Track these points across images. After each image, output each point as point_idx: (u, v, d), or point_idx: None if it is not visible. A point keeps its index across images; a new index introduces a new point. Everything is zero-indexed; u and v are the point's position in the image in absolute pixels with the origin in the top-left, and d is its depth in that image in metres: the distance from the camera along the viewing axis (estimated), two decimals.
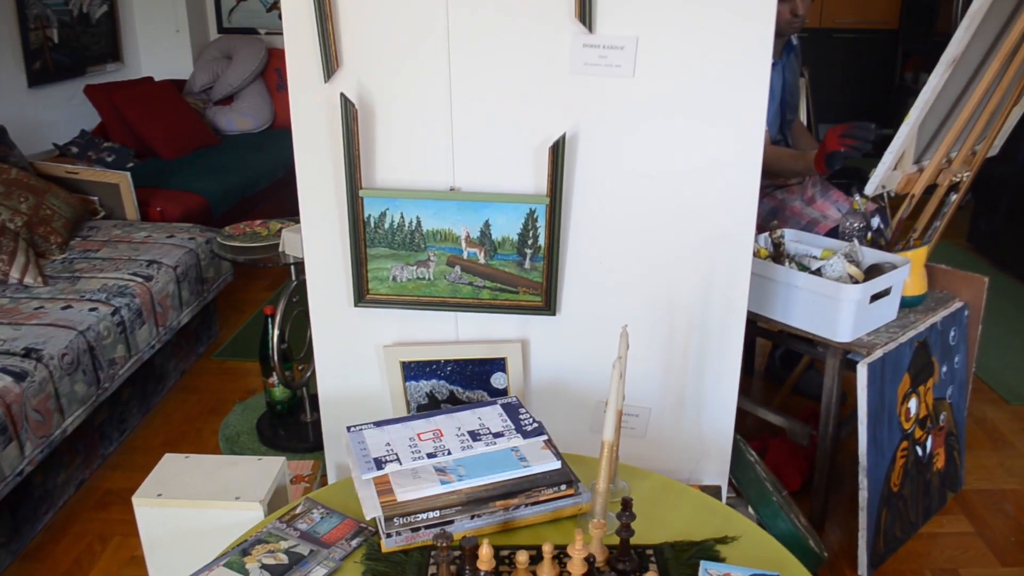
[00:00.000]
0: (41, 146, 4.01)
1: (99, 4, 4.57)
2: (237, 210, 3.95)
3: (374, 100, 1.52)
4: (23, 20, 3.98)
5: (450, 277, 1.59)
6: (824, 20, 6.00)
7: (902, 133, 2.11)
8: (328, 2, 1.44)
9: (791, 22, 2.57)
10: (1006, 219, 4.30)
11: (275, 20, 5.06)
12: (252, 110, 4.77)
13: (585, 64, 1.45)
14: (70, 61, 4.35)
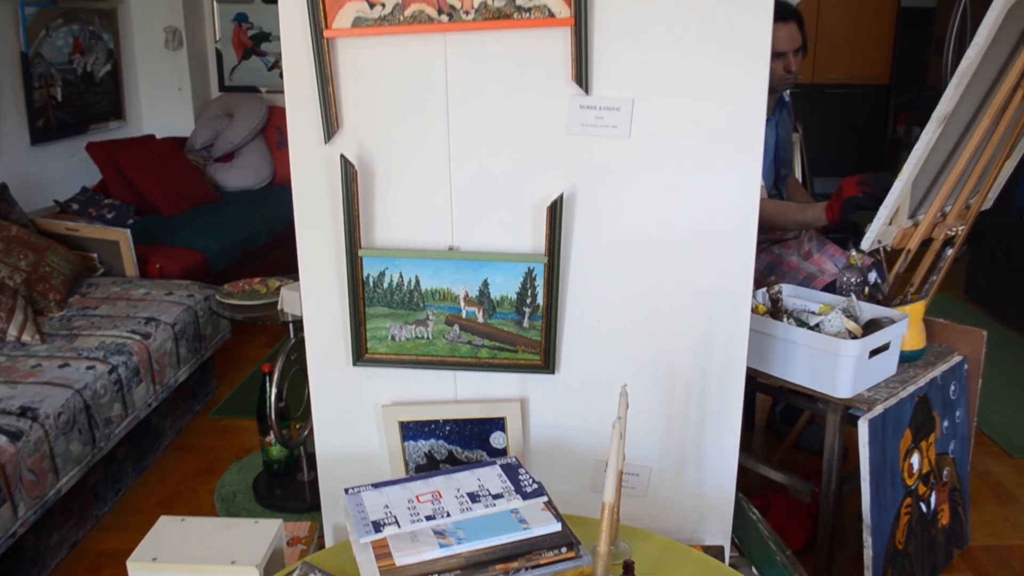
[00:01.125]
0: (42, 203, 4.04)
1: (103, 63, 4.65)
2: (236, 266, 3.96)
3: (373, 160, 1.54)
4: (28, 79, 4.05)
5: (449, 336, 1.59)
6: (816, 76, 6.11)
7: (896, 189, 2.13)
8: (329, 65, 1.47)
9: (784, 78, 2.62)
10: (1002, 271, 4.32)
11: (276, 79, 5.15)
12: (252, 167, 4.82)
13: (582, 125, 1.47)
14: (73, 119, 4.41)
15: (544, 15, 1.41)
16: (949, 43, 5.50)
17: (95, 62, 4.59)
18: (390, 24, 1.43)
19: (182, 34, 4.96)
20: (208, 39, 5.23)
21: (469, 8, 1.41)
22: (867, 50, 6.18)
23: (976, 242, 4.46)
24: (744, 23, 1.44)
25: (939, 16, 5.76)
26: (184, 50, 5.00)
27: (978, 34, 2.01)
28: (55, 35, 4.25)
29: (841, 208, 2.27)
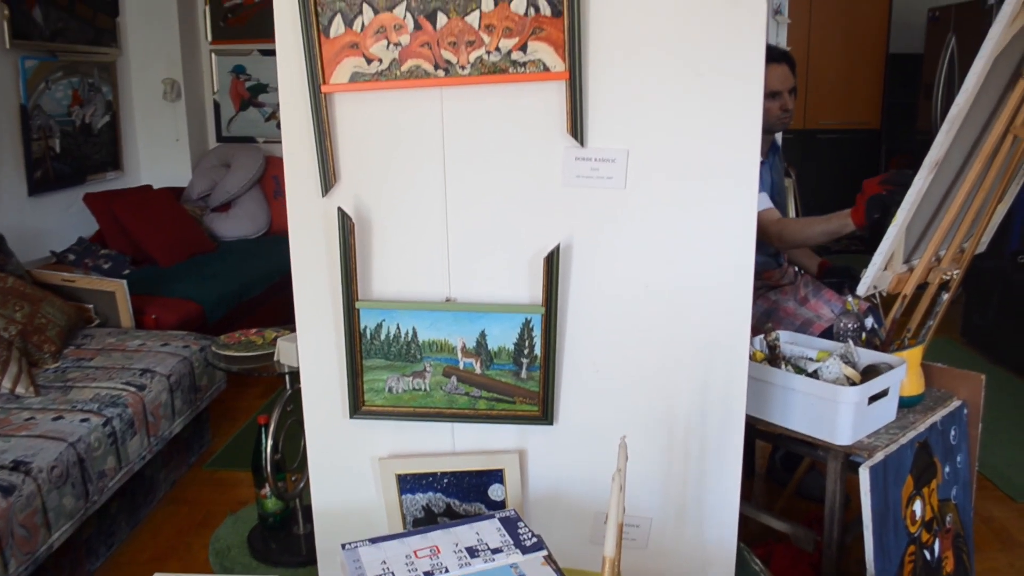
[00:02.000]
0: (39, 253, 4.04)
1: (102, 115, 4.69)
2: (232, 316, 3.95)
3: (371, 212, 1.54)
4: (26, 131, 4.07)
5: (446, 388, 1.58)
6: (808, 122, 6.18)
7: (890, 235, 2.14)
8: (327, 119, 1.48)
9: (781, 118, 2.65)
10: (998, 313, 4.32)
11: (273, 129, 5.20)
12: (249, 216, 4.84)
13: (577, 176, 1.49)
14: (71, 170, 4.43)
15: (539, 69, 1.43)
16: (938, 88, 5.59)
17: (94, 114, 4.63)
18: (387, 79, 1.45)
19: (180, 86, 5.02)
20: (206, 91, 5.29)
21: (465, 63, 1.43)
22: (857, 96, 6.26)
23: (971, 285, 4.48)
24: (737, 71, 1.46)
25: (927, 62, 5.85)
26: (182, 101, 5.05)
27: (966, 81, 2.04)
28: (55, 88, 4.30)
29: (866, 208, 2.26)
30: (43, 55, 4.19)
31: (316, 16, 1.43)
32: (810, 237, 2.49)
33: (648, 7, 1.44)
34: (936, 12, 5.76)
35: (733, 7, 1.45)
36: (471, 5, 1.41)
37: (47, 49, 4.21)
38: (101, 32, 4.66)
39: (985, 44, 2.01)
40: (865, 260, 2.21)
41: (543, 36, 1.42)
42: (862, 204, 2.29)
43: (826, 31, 6.09)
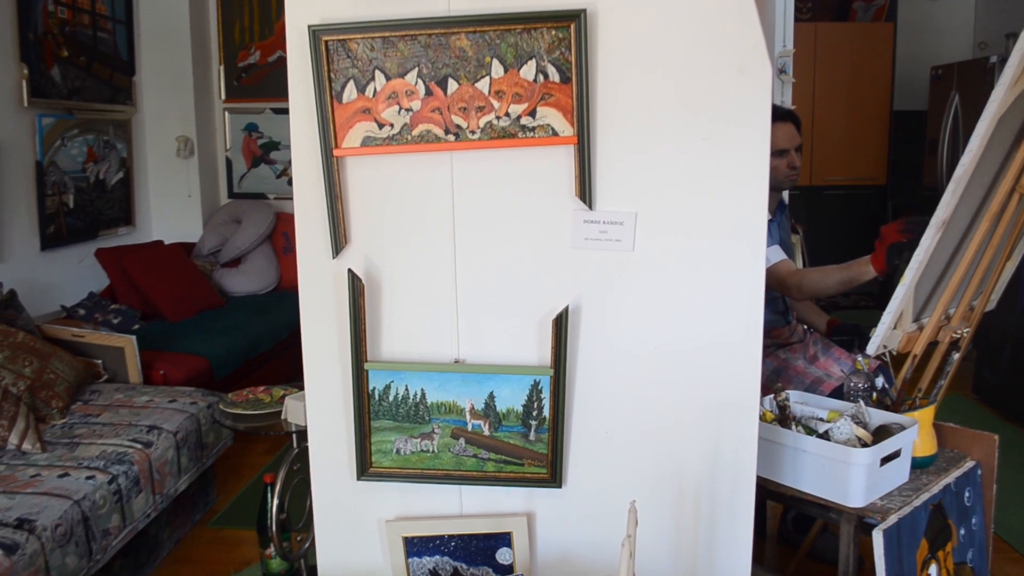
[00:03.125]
0: (49, 307, 4.07)
1: (116, 171, 4.75)
2: (240, 372, 3.95)
3: (381, 274, 1.55)
4: (41, 187, 4.13)
5: (454, 450, 1.57)
6: (814, 178, 6.22)
7: (899, 294, 2.14)
8: (338, 183, 1.50)
9: (788, 175, 2.67)
10: (1009, 370, 4.29)
11: (284, 186, 5.26)
12: (258, 272, 4.87)
13: (586, 239, 1.50)
14: (83, 225, 4.48)
15: (548, 134, 1.45)
16: (942, 144, 5.63)
17: (108, 170, 4.69)
18: (398, 143, 1.48)
19: (194, 143, 5.10)
20: (219, 148, 5.37)
21: (475, 128, 1.46)
22: (863, 152, 6.31)
23: (982, 341, 4.45)
24: (744, 135, 1.48)
25: (931, 118, 5.90)
26: (195, 158, 5.12)
27: (971, 142, 2.05)
28: (70, 144, 4.37)
29: (887, 254, 2.25)
30: (60, 113, 4.27)
31: (329, 82, 1.46)
32: (829, 286, 2.46)
33: (655, 74, 1.47)
34: (939, 70, 5.83)
35: (739, 74, 1.48)
36: (481, 72, 1.44)
37: (64, 107, 4.30)
38: (117, 91, 4.76)
39: (988, 106, 2.03)
40: (875, 316, 2.21)
41: (552, 102, 1.44)
42: (882, 251, 2.28)
43: (831, 89, 6.17)
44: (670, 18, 1.46)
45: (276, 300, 4.70)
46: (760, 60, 1.48)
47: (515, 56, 1.44)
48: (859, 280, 2.41)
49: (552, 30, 1.42)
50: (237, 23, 5.25)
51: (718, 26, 1.47)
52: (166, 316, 4.20)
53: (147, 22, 4.99)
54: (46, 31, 4.13)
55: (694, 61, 1.48)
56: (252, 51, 5.26)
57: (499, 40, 1.43)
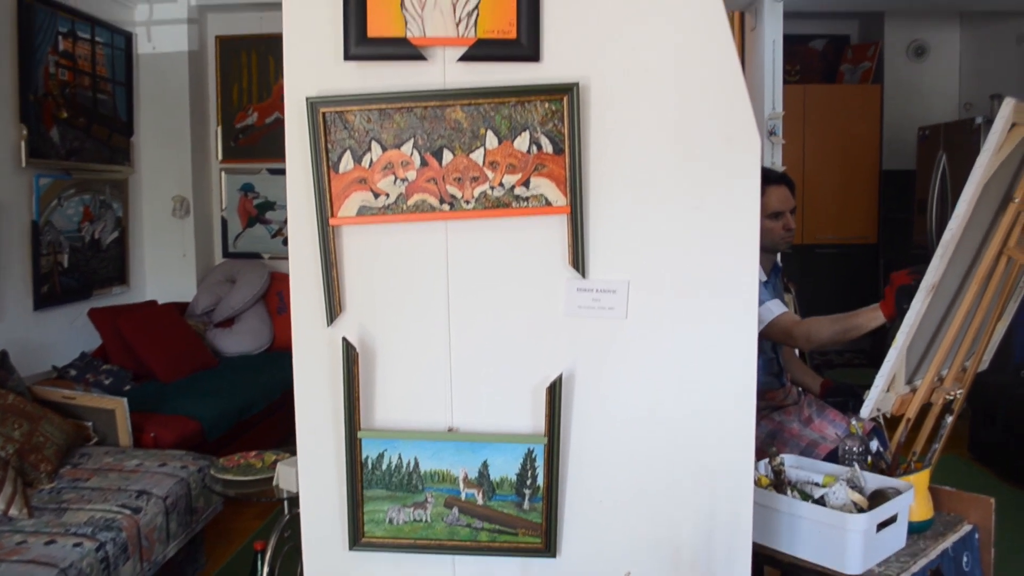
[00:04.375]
0: (41, 367, 4.04)
1: (111, 231, 4.77)
2: (232, 433, 3.92)
3: (375, 341, 1.56)
4: (36, 247, 4.14)
5: (448, 519, 1.56)
6: (806, 237, 6.28)
7: (891, 357, 2.15)
8: (334, 251, 1.51)
9: (784, 237, 2.70)
10: (1005, 429, 4.28)
11: (279, 246, 5.28)
12: (252, 332, 4.86)
13: (579, 307, 1.51)
14: (77, 284, 4.48)
15: (541, 204, 1.47)
16: (932, 203, 5.70)
17: (103, 229, 4.71)
18: (394, 213, 1.49)
19: (190, 203, 5.14)
20: (215, 207, 5.41)
21: (470, 198, 1.48)
22: (853, 211, 6.39)
23: (977, 400, 4.44)
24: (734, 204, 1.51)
25: (919, 177, 5.99)
26: (191, 218, 5.15)
27: (958, 207, 2.08)
28: (67, 204, 4.39)
29: (896, 298, 2.25)
30: (57, 173, 4.30)
31: (326, 153, 1.48)
32: (838, 333, 2.46)
33: (646, 145, 1.50)
34: (926, 131, 5.93)
35: (728, 144, 1.51)
36: (476, 143, 1.47)
37: (62, 167, 4.33)
38: (115, 151, 4.80)
39: (973, 172, 2.06)
40: (868, 374, 2.21)
41: (545, 172, 1.47)
42: (891, 296, 2.29)
43: (820, 150, 6.27)
44: (660, 91, 1.50)
45: (270, 360, 4.69)
46: (748, 130, 1.52)
47: (509, 128, 1.46)
48: (868, 327, 2.41)
49: (545, 103, 1.45)
50: (235, 85, 5.33)
51: (707, 98, 1.51)
52: (158, 377, 4.17)
53: (147, 84, 5.07)
54: (46, 92, 4.18)
55: (684, 132, 1.51)
56: (250, 112, 5.33)
57: (493, 112, 1.46)
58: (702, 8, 1.50)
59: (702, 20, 1.50)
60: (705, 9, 1.50)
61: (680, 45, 1.50)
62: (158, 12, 5.07)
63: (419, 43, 1.46)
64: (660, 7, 1.50)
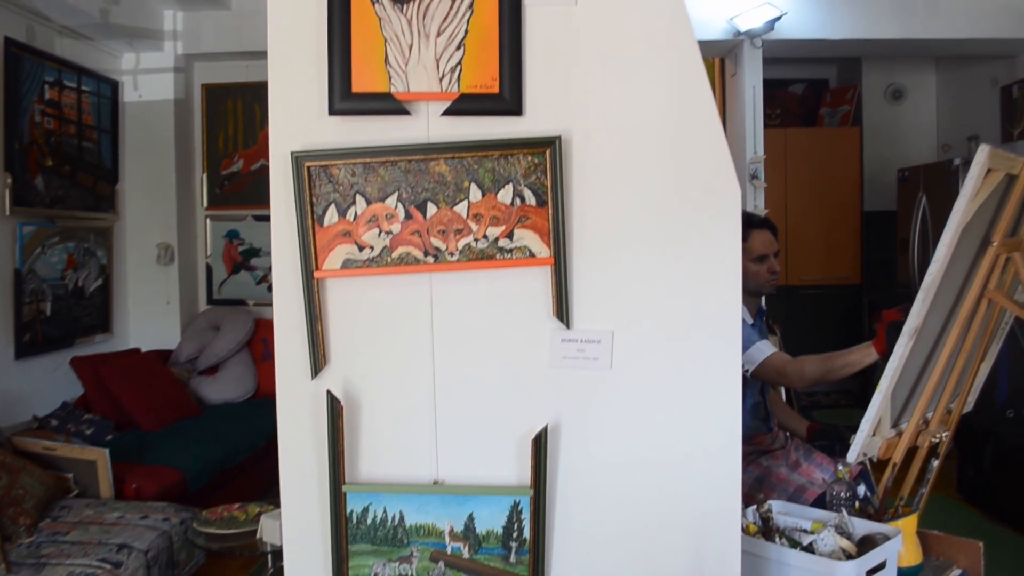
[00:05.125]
0: (22, 416, 3.99)
1: (95, 278, 4.75)
2: (215, 483, 3.87)
3: (360, 394, 1.55)
4: (19, 295, 4.11)
5: (434, 573, 1.54)
6: (790, 278, 6.32)
7: (875, 402, 2.16)
8: (318, 304, 1.51)
9: (769, 280, 2.72)
10: (992, 468, 4.28)
11: (264, 292, 5.27)
12: (236, 380, 4.82)
13: (564, 358, 1.51)
14: (60, 332, 4.44)
15: (525, 255, 1.48)
16: (913, 244, 5.76)
17: (87, 277, 4.69)
18: (378, 265, 1.50)
19: (174, 250, 5.13)
20: (199, 254, 5.40)
21: (454, 250, 1.48)
22: (836, 252, 6.45)
23: (963, 440, 4.45)
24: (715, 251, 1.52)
25: (900, 218, 6.06)
26: (175, 265, 5.14)
27: (937, 250, 2.10)
28: (50, 252, 4.38)
29: (887, 334, 2.26)
30: (41, 221, 4.29)
31: (311, 206, 1.49)
32: (832, 370, 2.47)
33: (628, 196, 1.52)
34: (905, 172, 6.02)
35: (708, 194, 1.53)
36: (460, 196, 1.48)
37: (46, 215, 4.32)
38: (100, 199, 4.80)
39: (952, 217, 2.09)
40: (855, 414, 2.21)
41: (529, 224, 1.48)
42: (883, 332, 2.31)
43: (802, 192, 6.34)
44: (641, 143, 1.52)
45: (254, 408, 4.65)
46: (728, 180, 1.54)
47: (492, 181, 1.48)
48: (861, 364, 2.42)
49: (528, 156, 1.47)
50: (221, 132, 5.36)
51: (687, 149, 1.53)
52: (141, 426, 4.13)
53: (132, 131, 5.09)
54: (32, 141, 4.19)
55: (665, 183, 1.52)
56: (236, 160, 5.35)
57: (477, 165, 1.47)
58: (680, 61, 1.53)
59: (681, 73, 1.53)
60: (683, 62, 1.53)
61: (660, 98, 1.53)
62: (145, 61, 5.11)
63: (403, 98, 1.48)
64: (640, 61, 1.52)
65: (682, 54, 1.54)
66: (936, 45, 5.58)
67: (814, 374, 2.47)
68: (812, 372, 2.47)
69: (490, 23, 1.47)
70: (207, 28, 5.10)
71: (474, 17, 1.47)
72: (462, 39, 1.47)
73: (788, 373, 2.51)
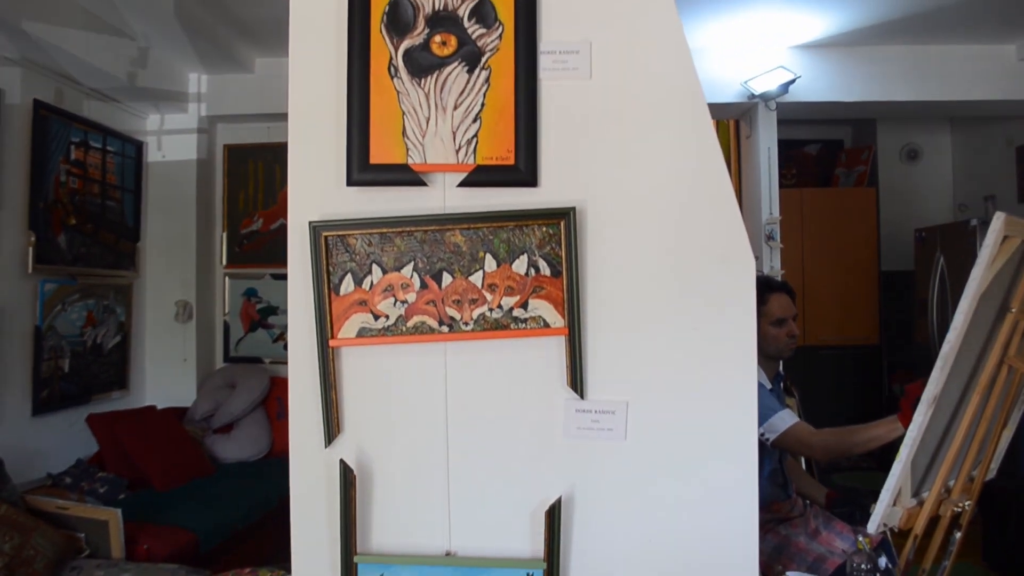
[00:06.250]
0: (36, 473, 3.99)
1: (113, 335, 4.78)
2: (227, 544, 3.83)
3: (372, 463, 1.54)
4: (38, 352, 4.13)
5: None
6: (808, 339, 6.27)
7: (895, 471, 2.12)
8: (333, 372, 1.52)
9: (788, 344, 2.71)
10: (1017, 534, 4.18)
11: (281, 350, 5.28)
12: (250, 438, 4.81)
13: (578, 428, 1.50)
14: (77, 389, 4.46)
15: (539, 325, 1.49)
16: (932, 304, 5.72)
17: (106, 334, 4.72)
18: (393, 334, 1.50)
19: (192, 307, 5.16)
20: (217, 312, 5.43)
21: (468, 319, 1.49)
22: (855, 312, 6.40)
23: (987, 507, 4.36)
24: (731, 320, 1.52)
25: (918, 278, 6.02)
26: (193, 322, 5.17)
27: (955, 318, 2.09)
28: (70, 309, 4.41)
29: (912, 410, 2.23)
30: (63, 279, 4.34)
31: (328, 275, 1.50)
32: (857, 443, 2.43)
33: (642, 266, 1.52)
34: (922, 232, 6.01)
35: (722, 263, 1.53)
36: (475, 266, 1.49)
37: (67, 273, 4.37)
38: (121, 256, 4.86)
39: (969, 285, 2.08)
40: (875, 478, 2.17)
41: (543, 294, 1.49)
42: (907, 407, 2.28)
43: (819, 252, 6.32)
44: (654, 214, 1.53)
45: (268, 467, 4.62)
46: (742, 249, 1.54)
47: (507, 251, 1.49)
48: (887, 438, 2.38)
49: (543, 227, 1.48)
50: (242, 192, 5.44)
51: (701, 219, 1.54)
52: (154, 485, 4.11)
53: (155, 190, 5.17)
54: (56, 199, 4.26)
55: (679, 253, 1.53)
56: (255, 219, 5.42)
57: (492, 236, 1.49)
58: (693, 132, 1.55)
59: (694, 143, 1.55)
60: (696, 133, 1.55)
61: (673, 168, 1.54)
62: (169, 122, 5.22)
63: (420, 169, 1.50)
64: (653, 132, 1.54)
65: (695, 124, 1.56)
66: (950, 106, 5.61)
67: (838, 447, 2.44)
68: (836, 445, 2.44)
69: (506, 96, 1.50)
70: (231, 91, 5.21)
71: (490, 91, 1.50)
72: (478, 112, 1.50)
73: (812, 445, 2.47)
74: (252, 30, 4.73)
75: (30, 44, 3.82)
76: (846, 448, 2.44)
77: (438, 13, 1.51)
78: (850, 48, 5.23)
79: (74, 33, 4.03)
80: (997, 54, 5.24)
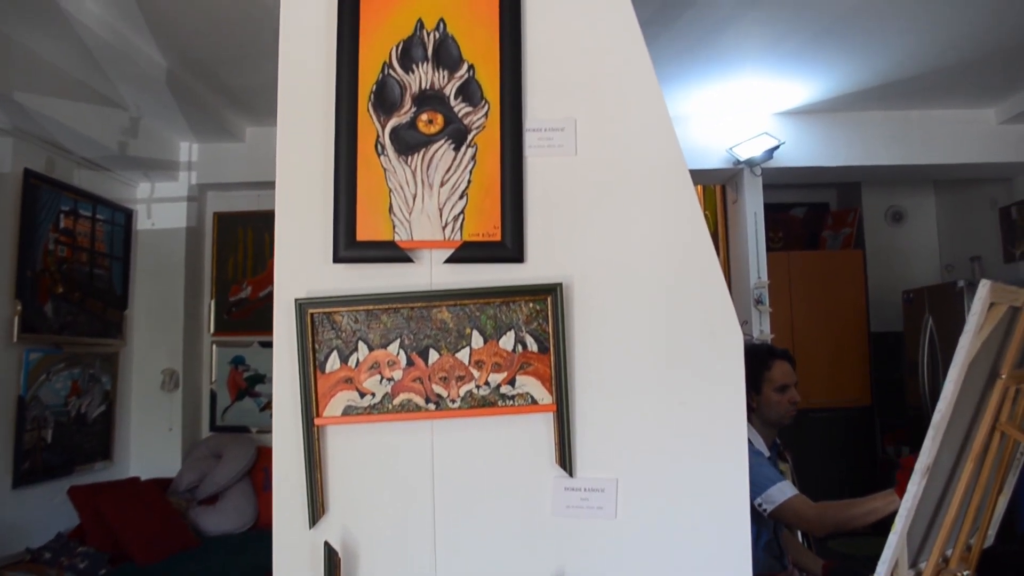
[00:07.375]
0: (15, 548, 3.89)
1: (97, 404, 4.72)
2: None
3: (358, 544, 1.51)
4: (20, 423, 4.06)
5: None
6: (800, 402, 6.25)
7: (891, 543, 2.08)
8: (318, 451, 1.49)
9: (789, 410, 2.71)
10: None
11: (267, 419, 5.22)
12: (236, 510, 4.71)
13: (567, 507, 1.47)
14: (60, 460, 4.37)
15: (527, 402, 1.47)
16: (922, 365, 5.72)
17: (90, 404, 4.66)
18: (379, 412, 1.48)
19: (179, 376, 5.12)
20: (204, 380, 5.37)
21: (455, 397, 1.47)
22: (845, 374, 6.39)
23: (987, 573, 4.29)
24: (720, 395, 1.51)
25: (908, 339, 6.04)
26: (179, 391, 5.12)
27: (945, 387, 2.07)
28: (55, 379, 4.36)
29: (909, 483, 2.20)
30: (48, 348, 4.30)
31: (313, 352, 1.49)
32: (855, 517, 2.41)
33: (630, 341, 1.52)
34: (910, 294, 6.04)
35: (711, 337, 1.52)
36: (462, 343, 1.48)
37: (53, 342, 4.33)
38: (108, 324, 4.82)
39: (957, 353, 2.07)
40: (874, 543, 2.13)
41: (531, 371, 1.47)
42: (904, 480, 2.26)
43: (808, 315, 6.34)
44: (642, 288, 1.53)
45: (253, 540, 4.51)
46: (729, 322, 1.54)
47: (494, 327, 1.48)
48: (885, 512, 2.37)
49: (530, 303, 1.48)
50: (231, 259, 5.44)
51: (687, 292, 1.54)
52: (136, 559, 4.01)
53: (144, 258, 5.16)
54: (44, 268, 4.25)
55: (667, 327, 1.53)
56: (244, 287, 5.41)
57: (479, 312, 1.48)
58: (678, 206, 1.56)
59: (679, 218, 1.56)
60: (681, 207, 1.56)
61: (660, 242, 1.55)
62: (160, 190, 5.24)
63: (407, 246, 1.50)
64: (639, 207, 1.55)
65: (680, 199, 1.57)
66: (932, 169, 5.70)
67: (835, 521, 2.42)
68: (834, 519, 2.42)
69: (492, 173, 1.51)
70: (222, 159, 5.25)
71: (477, 168, 1.51)
72: (465, 189, 1.51)
73: (809, 519, 2.45)
74: (243, 100, 4.79)
75: (22, 114, 3.85)
76: (843, 522, 2.42)
77: (425, 92, 1.52)
78: (833, 114, 5.33)
79: (66, 103, 4.07)
80: (976, 118, 5.34)
